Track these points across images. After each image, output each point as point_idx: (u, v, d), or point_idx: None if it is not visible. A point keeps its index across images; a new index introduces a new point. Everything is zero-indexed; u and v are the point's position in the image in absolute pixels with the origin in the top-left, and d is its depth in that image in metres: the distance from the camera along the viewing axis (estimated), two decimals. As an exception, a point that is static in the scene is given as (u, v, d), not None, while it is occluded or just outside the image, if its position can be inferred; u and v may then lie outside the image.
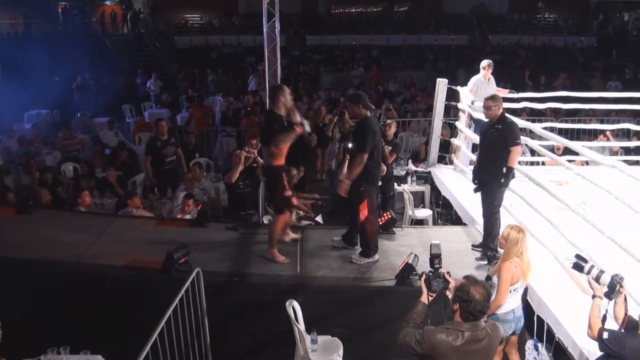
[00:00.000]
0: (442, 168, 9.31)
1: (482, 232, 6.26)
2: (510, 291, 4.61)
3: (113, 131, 12.64)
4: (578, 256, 4.27)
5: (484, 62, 8.94)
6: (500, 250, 5.00)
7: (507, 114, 6.16)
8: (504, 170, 5.90)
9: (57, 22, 25.14)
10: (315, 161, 11.95)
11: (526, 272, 4.69)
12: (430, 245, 4.28)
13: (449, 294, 3.77)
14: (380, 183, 6.66)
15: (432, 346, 3.47)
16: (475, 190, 6.20)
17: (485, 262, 5.76)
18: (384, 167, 7.34)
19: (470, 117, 8.77)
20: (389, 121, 8.71)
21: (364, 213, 5.93)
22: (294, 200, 6.00)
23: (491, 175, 5.99)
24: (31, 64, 16.44)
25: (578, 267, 4.20)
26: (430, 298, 3.86)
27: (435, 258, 4.14)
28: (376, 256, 6.14)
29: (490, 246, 6.01)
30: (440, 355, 3.47)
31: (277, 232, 6.14)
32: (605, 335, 3.77)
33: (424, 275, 3.96)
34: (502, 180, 5.93)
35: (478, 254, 6.16)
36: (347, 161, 7.67)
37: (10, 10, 24.08)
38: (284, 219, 6.17)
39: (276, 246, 6.14)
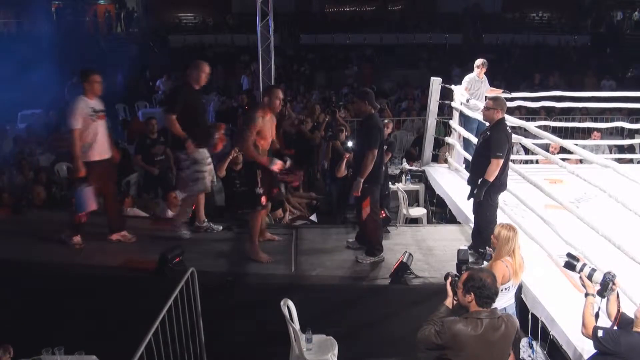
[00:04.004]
0: (437, 167, 9.30)
1: (474, 232, 6.18)
2: (502, 290, 4.59)
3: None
4: (569, 255, 4.27)
5: (478, 61, 8.92)
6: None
7: (505, 123, 5.82)
8: (479, 181, 5.70)
9: (50, 21, 25.00)
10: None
11: (518, 271, 4.66)
12: (458, 251, 4.28)
13: (459, 292, 3.72)
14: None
15: (453, 336, 3.48)
16: (468, 197, 6.00)
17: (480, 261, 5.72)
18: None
19: (462, 115, 8.76)
20: (386, 121, 8.69)
21: (366, 211, 5.94)
22: (263, 200, 5.95)
23: (476, 184, 5.81)
24: (25, 63, 16.34)
25: (570, 266, 4.20)
26: (455, 302, 3.82)
27: (462, 264, 4.13)
28: (382, 255, 6.13)
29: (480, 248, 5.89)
30: (461, 345, 3.48)
31: (256, 229, 6.09)
32: (600, 333, 3.78)
33: (449, 279, 3.92)
34: (475, 192, 5.75)
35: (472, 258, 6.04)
36: (345, 159, 7.66)
37: (3, 10, 23.94)
38: (260, 216, 6.11)
39: (258, 244, 6.13)
